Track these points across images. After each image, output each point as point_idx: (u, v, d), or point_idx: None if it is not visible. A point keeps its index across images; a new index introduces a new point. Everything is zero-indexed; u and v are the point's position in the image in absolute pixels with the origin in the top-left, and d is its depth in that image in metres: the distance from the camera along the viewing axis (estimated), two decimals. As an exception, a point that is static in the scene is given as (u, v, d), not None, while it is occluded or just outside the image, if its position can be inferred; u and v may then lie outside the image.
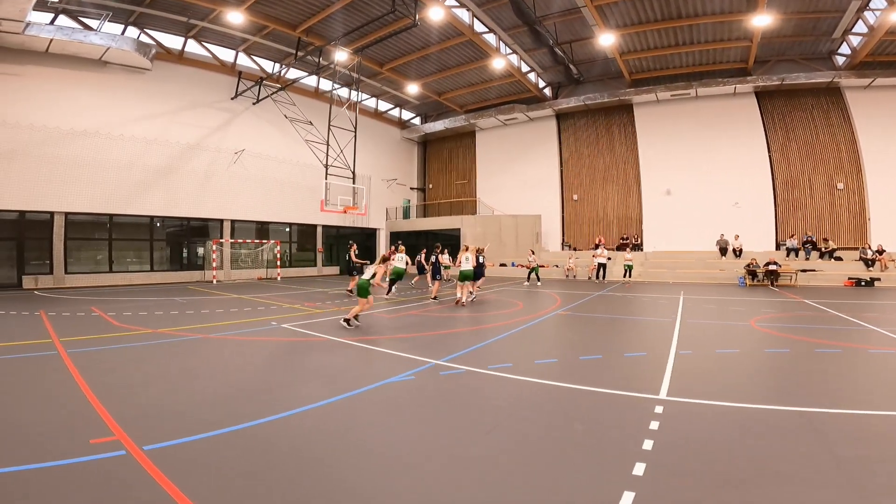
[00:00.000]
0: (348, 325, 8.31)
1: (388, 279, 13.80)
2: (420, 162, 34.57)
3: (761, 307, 12.08)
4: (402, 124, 32.86)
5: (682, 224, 24.12)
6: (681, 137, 24.99)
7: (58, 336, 7.31)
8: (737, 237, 22.44)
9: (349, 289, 14.73)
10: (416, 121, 33.43)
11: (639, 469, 2.99)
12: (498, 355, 6.53)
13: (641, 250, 24.64)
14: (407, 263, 14.61)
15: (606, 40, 20.55)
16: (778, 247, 22.55)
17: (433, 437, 3.58)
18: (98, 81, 18.27)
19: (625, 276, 20.54)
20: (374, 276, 8.51)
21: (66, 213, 17.43)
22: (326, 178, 17.62)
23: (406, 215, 32.54)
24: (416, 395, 4.69)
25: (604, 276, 20.59)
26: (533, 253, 20.69)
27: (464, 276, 12.03)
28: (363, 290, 8.44)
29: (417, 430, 3.74)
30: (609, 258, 21.30)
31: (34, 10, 15.03)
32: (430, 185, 34.18)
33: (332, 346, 6.92)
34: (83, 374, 5.06)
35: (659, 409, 4.12)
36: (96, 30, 17.23)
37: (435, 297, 13.32)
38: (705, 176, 24.12)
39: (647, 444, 3.36)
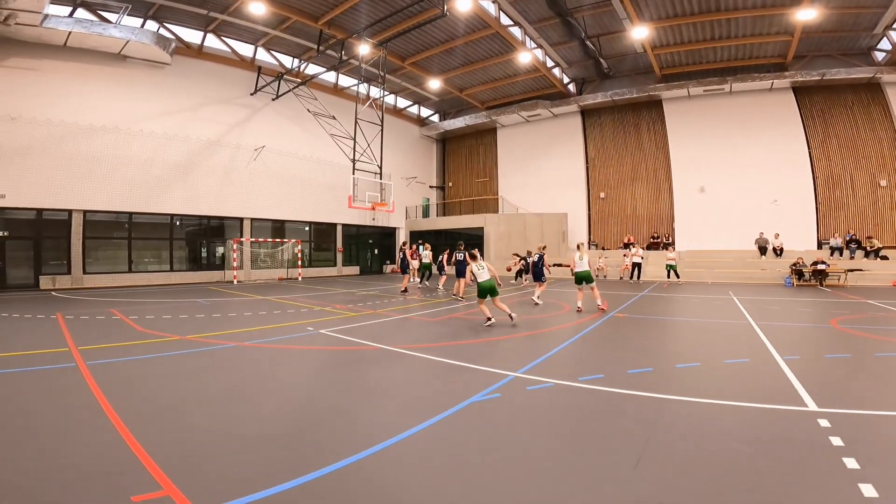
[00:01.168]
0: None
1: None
2: (439, 160, 33.80)
3: (828, 308, 11.27)
4: (421, 121, 32.12)
5: (717, 222, 23.13)
6: (714, 134, 24.02)
7: (75, 344, 6.59)
8: (777, 236, 21.45)
9: (403, 288, 14.69)
10: (435, 118, 32.70)
11: (868, 490, 2.56)
12: (578, 364, 5.86)
13: (673, 249, 23.62)
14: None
15: (640, 34, 19.69)
16: (820, 245, 21.60)
17: (575, 477, 2.79)
18: (117, 76, 17.74)
19: (669, 276, 19.50)
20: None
21: (85, 212, 16.89)
22: (354, 174, 16.87)
23: (426, 214, 31.78)
24: (517, 418, 3.90)
25: (639, 277, 19.64)
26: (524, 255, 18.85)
27: (580, 279, 10.63)
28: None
29: (548, 468, 2.93)
30: (643, 258, 20.30)
31: (52, 2, 14.52)
32: (450, 184, 33.37)
33: (387, 357, 6.14)
34: (107, 393, 4.26)
35: (824, 423, 3.59)
36: (115, 23, 16.67)
37: (460, 296, 12.84)
38: (741, 173, 23.15)
39: (851, 463, 2.91)
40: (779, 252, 21.17)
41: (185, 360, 5.86)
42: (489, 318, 8.32)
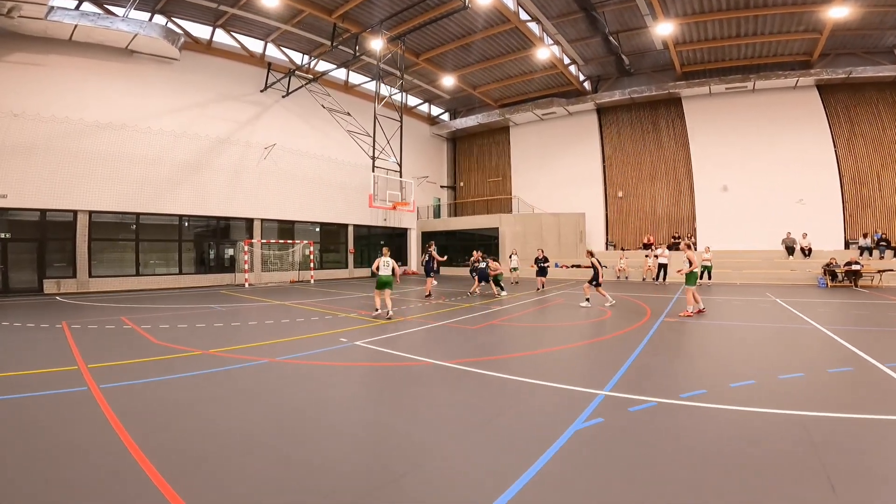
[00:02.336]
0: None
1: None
2: (450, 159, 33.09)
3: (884, 310, 10.64)
4: (432, 120, 31.42)
5: (741, 222, 22.46)
6: (736, 132, 23.36)
7: (85, 360, 5.83)
8: (804, 236, 20.76)
9: (427, 293, 14.31)
10: (445, 117, 32.01)
11: None
12: (667, 378, 5.33)
13: (695, 249, 22.89)
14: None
15: (664, 30, 19.08)
16: (847, 245, 20.98)
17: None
18: (124, 71, 17.04)
19: (701, 277, 18.79)
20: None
21: (91, 212, 16.16)
22: (374, 171, 16.13)
23: (437, 214, 31.07)
24: (648, 449, 3.30)
25: (664, 278, 18.91)
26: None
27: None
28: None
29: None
30: (668, 258, 19.55)
31: (57, -7, 13.84)
32: (462, 184, 32.64)
33: (442, 375, 5.41)
34: (131, 430, 3.52)
35: None
36: (122, 16, 15.96)
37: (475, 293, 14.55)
38: (765, 172, 22.51)
39: None
40: (807, 252, 20.51)
41: (214, 381, 5.11)
42: (377, 310, 9.96)
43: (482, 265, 15.05)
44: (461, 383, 5.07)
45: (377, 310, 10.01)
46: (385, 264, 10.12)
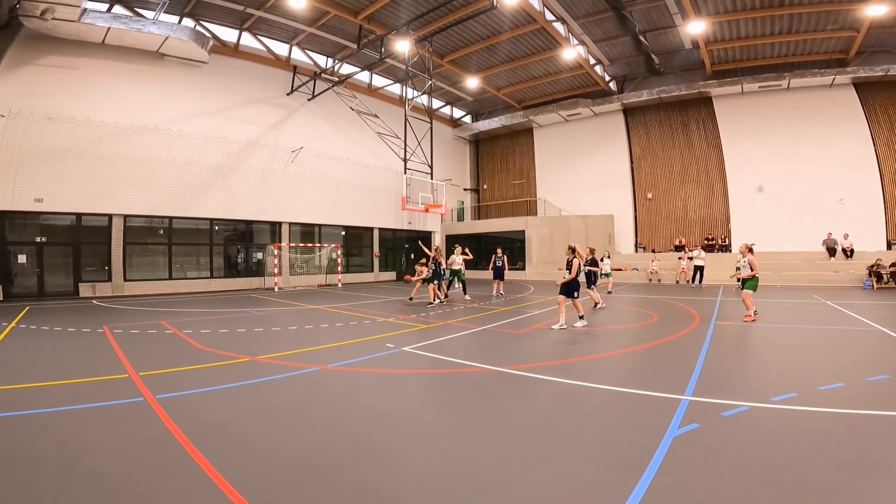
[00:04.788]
0: None
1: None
2: (473, 161, 32.85)
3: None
4: (454, 123, 31.24)
5: (778, 223, 21.76)
6: (770, 131, 22.74)
7: (135, 368, 5.68)
8: (846, 236, 20.02)
9: (431, 301, 12.81)
10: (467, 119, 31.81)
11: None
12: (749, 381, 5.23)
13: (729, 251, 22.25)
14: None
15: (695, 29, 18.66)
16: (889, 246, 20.27)
17: None
18: (155, 75, 17.19)
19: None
20: None
21: (125, 216, 16.28)
22: (406, 173, 15.96)
23: (460, 218, 30.82)
24: (757, 456, 3.06)
25: (701, 280, 18.36)
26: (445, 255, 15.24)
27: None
28: None
29: None
30: (704, 259, 18.96)
31: (88, -3, 13.94)
32: (485, 186, 32.35)
33: (506, 381, 5.12)
34: (202, 448, 3.29)
35: None
36: (153, 19, 16.10)
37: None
38: (802, 171, 21.86)
39: None
40: (849, 253, 19.79)
41: (269, 391, 4.87)
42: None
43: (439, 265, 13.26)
44: (529, 390, 4.79)
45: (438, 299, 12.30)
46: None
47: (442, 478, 2.91)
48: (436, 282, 12.93)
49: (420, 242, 15.45)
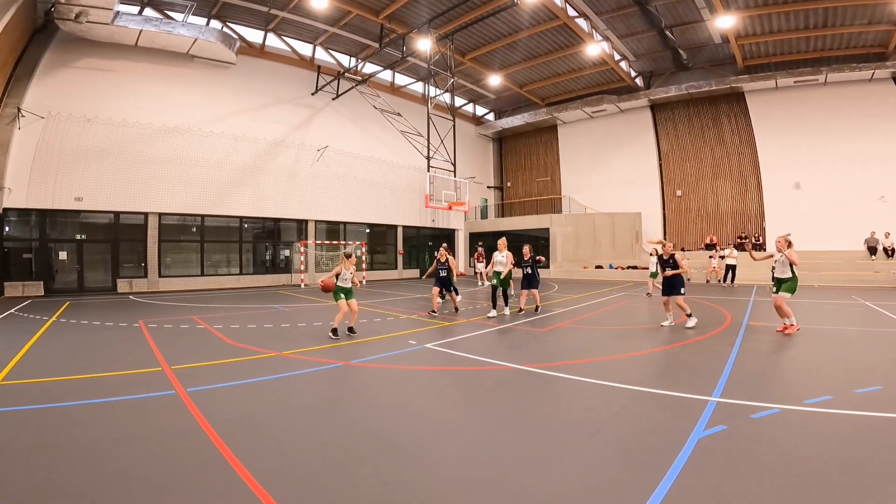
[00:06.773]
0: None
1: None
2: (496, 159, 32.70)
3: None
4: (477, 120, 31.15)
5: (815, 221, 20.89)
6: (807, 127, 21.85)
7: (168, 361, 5.88)
8: (887, 235, 19.13)
9: (433, 308, 10.65)
10: (490, 117, 31.66)
11: None
12: (780, 383, 5.19)
13: (764, 250, 21.56)
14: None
15: (724, 23, 18.14)
16: (933, 245, 19.14)
17: None
18: (185, 76, 17.72)
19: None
20: None
21: (160, 214, 16.86)
22: (430, 171, 16.03)
23: (484, 215, 30.75)
24: (786, 458, 2.96)
25: (733, 280, 17.86)
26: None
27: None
28: None
29: None
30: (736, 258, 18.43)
31: (120, 1, 14.38)
32: (509, 184, 32.17)
33: (530, 380, 5.11)
34: (229, 442, 3.37)
35: None
36: (181, 21, 16.58)
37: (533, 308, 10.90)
38: (841, 168, 20.94)
39: None
40: (890, 252, 18.91)
41: (298, 387, 4.96)
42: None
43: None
44: (552, 389, 4.77)
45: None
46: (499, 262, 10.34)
47: (464, 475, 2.92)
48: (440, 288, 10.89)
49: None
